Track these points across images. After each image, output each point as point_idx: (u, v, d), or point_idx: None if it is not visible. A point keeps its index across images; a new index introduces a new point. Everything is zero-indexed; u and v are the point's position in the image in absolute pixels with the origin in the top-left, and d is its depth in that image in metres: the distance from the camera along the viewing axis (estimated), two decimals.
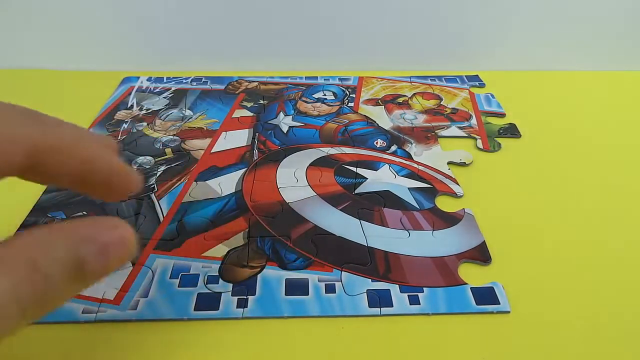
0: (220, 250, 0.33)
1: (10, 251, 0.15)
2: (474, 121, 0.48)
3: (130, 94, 0.52)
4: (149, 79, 0.55)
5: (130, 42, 0.58)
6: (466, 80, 0.55)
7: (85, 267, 0.17)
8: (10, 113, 0.18)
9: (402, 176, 0.40)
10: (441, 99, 0.52)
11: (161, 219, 0.35)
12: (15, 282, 0.15)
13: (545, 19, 0.56)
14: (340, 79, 0.55)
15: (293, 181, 0.39)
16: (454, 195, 0.38)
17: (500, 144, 0.44)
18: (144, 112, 0.49)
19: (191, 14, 0.55)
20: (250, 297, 0.29)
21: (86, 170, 0.20)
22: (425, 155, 0.43)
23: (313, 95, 0.52)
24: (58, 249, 0.16)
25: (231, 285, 0.30)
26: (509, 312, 0.29)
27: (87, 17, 0.56)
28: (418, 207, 0.37)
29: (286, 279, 0.31)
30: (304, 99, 0.51)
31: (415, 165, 0.41)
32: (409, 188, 0.38)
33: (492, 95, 0.53)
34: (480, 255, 0.33)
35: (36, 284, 0.15)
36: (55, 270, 0.16)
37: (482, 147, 0.44)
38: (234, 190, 0.38)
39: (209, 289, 0.30)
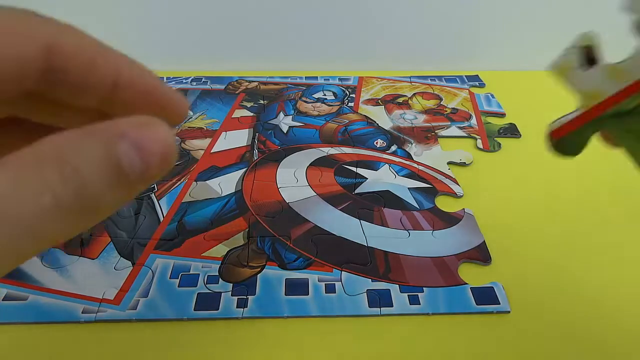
0: (220, 250, 0.33)
1: (35, 150, 0.14)
2: (474, 121, 0.48)
3: None
4: None
5: (130, 42, 0.58)
6: (466, 80, 0.55)
7: (122, 162, 0.14)
8: (24, 12, 0.15)
9: (402, 176, 0.40)
10: (441, 99, 0.52)
11: (161, 219, 0.35)
12: (45, 179, 0.13)
13: (545, 19, 0.56)
14: (340, 79, 0.55)
15: (293, 181, 0.39)
16: (454, 195, 0.38)
17: (500, 144, 0.44)
18: None
19: (191, 14, 0.55)
20: (250, 297, 0.29)
21: (118, 84, 0.17)
22: (425, 155, 0.43)
23: (313, 95, 0.52)
24: (88, 145, 0.14)
25: (231, 285, 0.30)
26: (509, 312, 0.29)
27: (87, 17, 0.56)
28: (418, 207, 0.37)
29: (286, 279, 0.31)
30: (304, 99, 0.51)
31: (415, 165, 0.41)
32: (409, 188, 0.38)
33: (492, 95, 0.53)
34: (480, 255, 0.33)
35: (70, 183, 0.14)
36: (90, 170, 0.14)
37: (482, 147, 0.44)
38: (234, 190, 0.38)
39: (209, 289, 0.30)
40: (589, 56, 0.20)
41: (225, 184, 0.39)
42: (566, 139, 0.22)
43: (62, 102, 0.16)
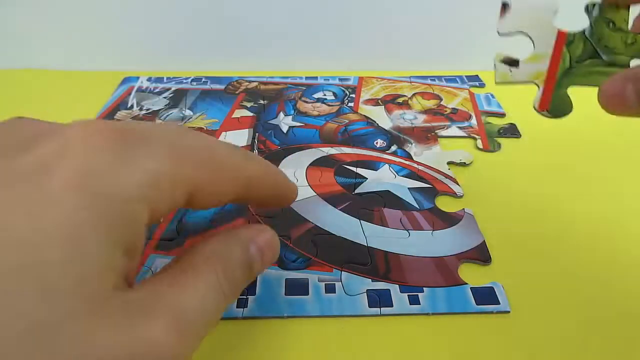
0: None
1: (201, 258, 0.20)
2: (474, 121, 0.48)
3: (130, 94, 0.52)
4: (149, 79, 0.55)
5: (130, 42, 0.58)
6: (466, 80, 0.55)
7: (253, 263, 0.22)
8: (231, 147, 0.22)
9: (402, 176, 0.40)
10: (441, 99, 0.52)
11: (161, 219, 0.35)
12: (212, 282, 0.20)
13: None
14: (340, 79, 0.55)
15: (293, 181, 0.39)
16: (454, 195, 0.38)
17: (500, 144, 0.44)
18: (144, 112, 0.49)
19: (191, 13, 0.55)
20: (250, 297, 0.29)
21: (274, 195, 0.25)
22: (425, 155, 0.43)
23: (313, 95, 0.52)
24: (236, 251, 0.21)
25: None
26: (508, 312, 0.29)
27: (87, 17, 0.56)
28: (418, 207, 0.37)
29: (286, 279, 0.31)
30: (304, 99, 0.51)
31: (415, 165, 0.41)
32: (408, 188, 0.38)
33: (492, 95, 0.53)
34: (480, 255, 0.33)
35: (232, 282, 0.21)
36: (238, 272, 0.21)
37: (482, 147, 0.44)
38: None
39: None
40: (510, 62, 0.30)
41: None
42: (554, 104, 0.30)
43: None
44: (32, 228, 0.15)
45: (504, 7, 0.31)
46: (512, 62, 0.30)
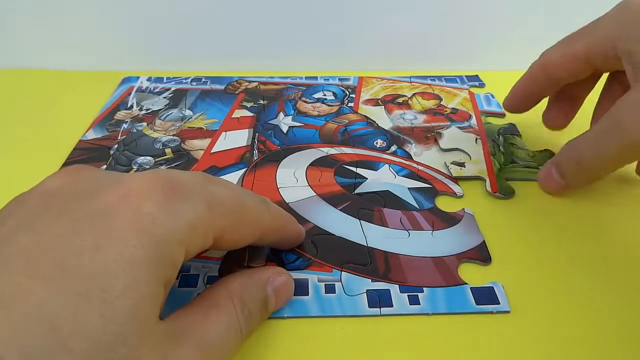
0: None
1: (222, 296, 0.24)
2: (473, 121, 0.48)
3: (130, 94, 0.52)
4: (148, 79, 0.55)
5: (130, 42, 0.58)
6: (466, 80, 0.55)
7: (268, 302, 0.26)
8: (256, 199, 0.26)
9: (402, 176, 0.40)
10: (441, 99, 0.52)
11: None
12: (231, 317, 0.23)
13: (545, 19, 0.56)
14: (340, 79, 0.55)
15: (293, 181, 0.39)
16: (454, 195, 0.38)
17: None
18: (143, 112, 0.49)
19: (191, 13, 0.55)
20: None
21: (285, 240, 0.30)
22: (425, 155, 0.43)
23: (313, 95, 0.52)
24: (254, 290, 0.25)
25: None
26: (508, 312, 0.29)
27: (87, 17, 0.56)
28: (418, 207, 0.37)
29: None
30: (303, 99, 0.51)
31: (415, 165, 0.41)
32: (408, 188, 0.38)
33: (492, 95, 0.53)
34: (480, 255, 0.33)
35: (248, 320, 0.24)
36: (256, 309, 0.25)
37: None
38: None
39: None
40: (459, 164, 0.41)
41: None
42: (500, 188, 0.38)
43: None
44: (98, 260, 0.18)
45: (439, 134, 0.45)
46: (460, 164, 0.41)
